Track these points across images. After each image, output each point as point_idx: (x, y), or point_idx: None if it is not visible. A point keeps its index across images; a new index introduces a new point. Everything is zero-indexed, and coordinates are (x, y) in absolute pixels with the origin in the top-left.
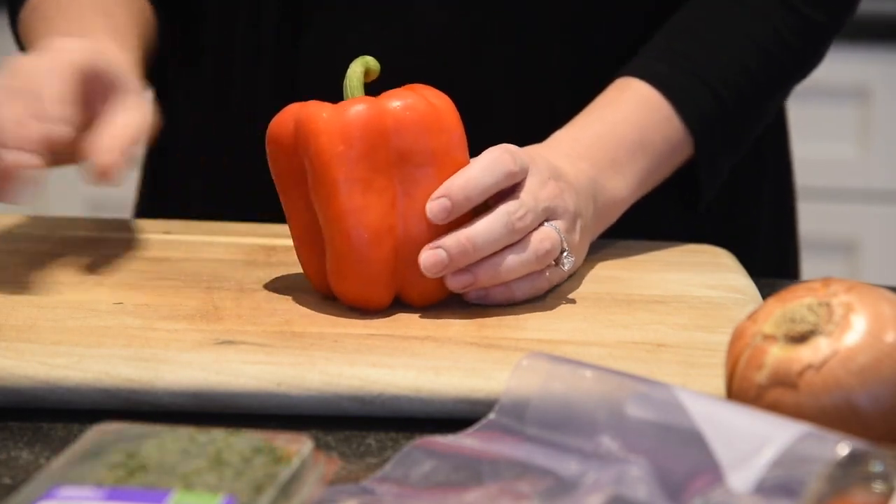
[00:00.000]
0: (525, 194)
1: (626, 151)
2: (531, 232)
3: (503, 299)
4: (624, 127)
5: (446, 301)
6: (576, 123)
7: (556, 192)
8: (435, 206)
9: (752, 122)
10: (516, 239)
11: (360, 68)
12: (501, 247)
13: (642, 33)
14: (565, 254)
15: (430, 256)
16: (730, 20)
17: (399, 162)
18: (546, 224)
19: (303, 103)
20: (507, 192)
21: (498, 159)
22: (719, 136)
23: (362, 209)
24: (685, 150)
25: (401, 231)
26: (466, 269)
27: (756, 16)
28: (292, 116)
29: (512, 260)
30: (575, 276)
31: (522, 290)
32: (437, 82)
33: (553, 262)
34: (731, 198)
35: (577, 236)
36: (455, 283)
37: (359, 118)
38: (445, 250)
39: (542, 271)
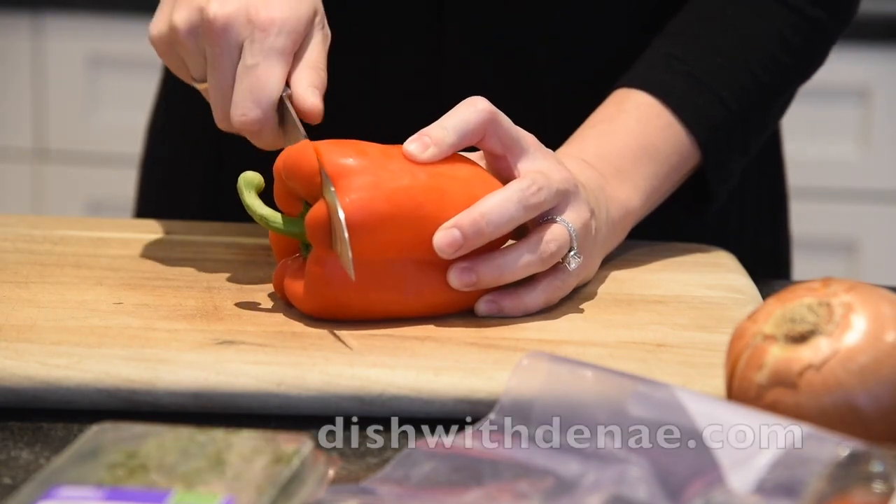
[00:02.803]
0: (535, 173)
1: (630, 161)
2: (542, 229)
3: (517, 311)
4: (625, 138)
5: None
6: (574, 140)
7: (570, 177)
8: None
9: (760, 124)
10: (531, 216)
11: (252, 192)
12: (516, 225)
13: (633, 42)
14: (572, 252)
15: (444, 237)
16: (729, 23)
17: None
18: (558, 220)
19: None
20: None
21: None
22: (726, 140)
23: None
24: (693, 157)
25: None
26: (469, 266)
27: (757, 17)
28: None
29: (515, 257)
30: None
31: (535, 300)
32: (423, 89)
33: (560, 260)
34: None
35: (591, 233)
36: (457, 281)
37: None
38: (459, 229)
39: (554, 278)
